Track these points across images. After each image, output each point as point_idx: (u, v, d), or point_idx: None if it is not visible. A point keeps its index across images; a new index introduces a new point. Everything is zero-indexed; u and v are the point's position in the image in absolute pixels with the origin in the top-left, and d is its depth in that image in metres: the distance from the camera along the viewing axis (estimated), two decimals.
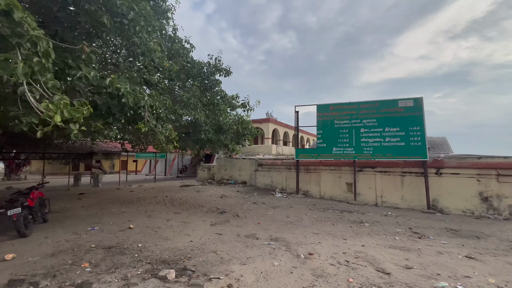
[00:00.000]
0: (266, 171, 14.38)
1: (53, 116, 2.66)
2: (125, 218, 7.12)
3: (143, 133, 5.87)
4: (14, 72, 2.31)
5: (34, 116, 3.61)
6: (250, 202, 10.22)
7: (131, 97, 4.82)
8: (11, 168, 20.57)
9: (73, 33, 4.71)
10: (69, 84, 4.56)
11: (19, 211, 4.89)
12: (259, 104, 8.24)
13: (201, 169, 18.81)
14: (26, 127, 3.63)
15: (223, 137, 7.79)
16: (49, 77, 3.01)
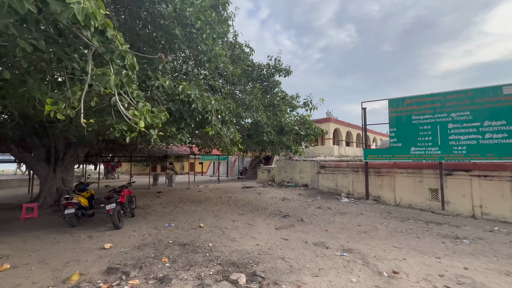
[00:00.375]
0: (329, 173, 13.50)
1: (138, 122, 2.89)
2: (195, 217, 7.60)
3: (210, 136, 6.12)
4: (108, 84, 2.58)
5: (124, 124, 4.07)
6: (314, 206, 9.68)
7: (199, 102, 5.05)
8: (108, 169, 24.99)
9: (151, 48, 5.24)
10: (148, 94, 5.06)
11: (114, 206, 5.70)
12: (323, 102, 7.73)
13: (261, 171, 19.03)
14: (118, 134, 4.12)
15: (285, 138, 7.56)
16: (134, 87, 3.31)
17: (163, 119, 3.64)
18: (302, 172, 15.19)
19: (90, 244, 4.97)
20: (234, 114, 6.78)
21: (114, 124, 4.06)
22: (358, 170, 12.24)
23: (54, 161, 9.41)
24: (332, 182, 13.33)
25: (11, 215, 7.62)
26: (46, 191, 8.99)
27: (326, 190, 13.49)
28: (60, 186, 9.38)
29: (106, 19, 2.57)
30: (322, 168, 13.98)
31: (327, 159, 15.64)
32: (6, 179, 17.96)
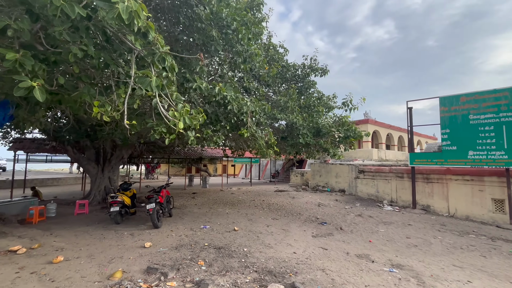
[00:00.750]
0: (369, 179, 12.57)
1: (177, 123, 2.87)
2: (229, 219, 7.56)
3: (245, 138, 6.03)
4: (149, 86, 2.60)
5: (163, 126, 4.16)
6: (353, 214, 9.03)
7: (235, 103, 4.98)
8: (149, 169, 26.72)
9: (188, 52, 5.34)
10: (186, 97, 5.14)
11: (154, 206, 5.91)
12: (364, 102, 7.16)
13: (294, 175, 18.57)
14: (158, 136, 4.22)
15: (323, 141, 7.17)
16: (174, 89, 3.33)
17: (201, 121, 3.61)
18: (339, 176, 14.41)
19: (132, 242, 5.18)
20: (269, 115, 6.62)
21: (154, 126, 4.16)
22: (402, 175, 11.18)
23: (103, 162, 10.23)
24: (372, 188, 12.38)
25: (67, 210, 8.42)
26: (95, 189, 9.79)
27: (366, 196, 12.57)
28: (107, 184, 10.15)
29: (148, 21, 2.59)
30: (361, 173, 13.08)
31: (366, 163, 14.63)
32: (64, 177, 20.22)
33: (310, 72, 9.21)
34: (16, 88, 2.29)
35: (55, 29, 2.36)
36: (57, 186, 18.63)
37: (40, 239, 5.17)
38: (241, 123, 6.21)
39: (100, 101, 2.89)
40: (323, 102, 8.76)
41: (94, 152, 10.06)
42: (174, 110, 2.93)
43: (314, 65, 8.87)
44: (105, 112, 2.72)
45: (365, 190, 12.70)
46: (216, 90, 4.37)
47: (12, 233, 5.41)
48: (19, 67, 2.33)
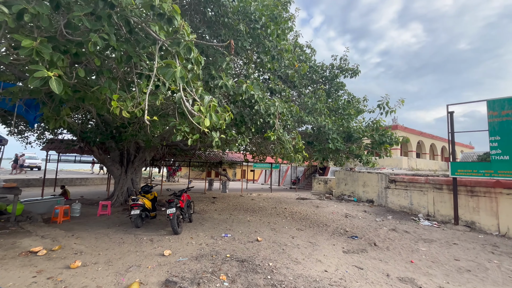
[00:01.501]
0: (402, 189, 11.55)
1: (202, 122, 2.53)
2: (251, 228, 7.13)
3: (271, 142, 5.62)
4: (173, 77, 2.29)
5: (186, 125, 3.87)
6: (386, 227, 8.20)
7: (262, 103, 4.60)
8: (170, 172, 27.14)
9: (214, 50, 5.08)
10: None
11: (174, 211, 5.65)
12: (403, 104, 6.45)
13: (316, 182, 17.77)
14: (180, 136, 3.94)
15: (355, 147, 6.54)
16: (199, 84, 3.01)
17: (227, 120, 3.25)
18: (366, 185, 13.46)
19: (151, 249, 4.92)
20: (296, 118, 6.17)
21: (177, 125, 3.89)
22: (441, 187, 10.11)
23: (126, 163, 10.31)
24: (405, 200, 11.34)
25: (91, 211, 8.48)
26: (118, 190, 9.86)
27: (398, 208, 11.54)
28: (129, 186, 10.19)
29: (174, 5, 2.29)
30: (391, 183, 12.08)
31: (396, 172, 13.54)
32: (91, 177, 21.04)
33: (339, 73, 8.64)
34: (31, 78, 2.07)
35: (74, 14, 2.13)
36: (84, 186, 19.40)
37: (61, 240, 5.08)
38: (267, 125, 5.82)
39: (120, 96, 2.63)
40: (352, 105, 8.14)
41: (118, 154, 10.18)
42: (200, 105, 2.59)
43: (344, 66, 8.30)
44: (124, 107, 2.46)
45: (397, 201, 11.68)
46: (243, 88, 4.02)
47: (36, 232, 5.40)
48: (36, 56, 2.12)
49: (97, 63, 2.71)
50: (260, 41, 4.62)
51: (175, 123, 3.90)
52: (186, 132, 3.97)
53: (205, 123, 2.45)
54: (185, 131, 3.93)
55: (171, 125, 3.79)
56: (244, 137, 5.28)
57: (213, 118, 2.49)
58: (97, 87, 2.79)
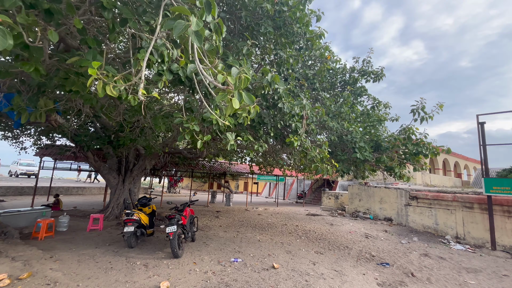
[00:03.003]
0: (425, 207, 10.49)
1: (230, 102, 1.66)
2: (263, 250, 6.12)
3: (293, 149, 4.75)
4: (187, 33, 1.47)
5: (196, 123, 3.03)
6: (416, 252, 7.14)
7: (287, 100, 3.77)
8: (171, 183, 26.12)
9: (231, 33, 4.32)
10: None
11: (175, 229, 4.71)
12: (442, 110, 5.61)
13: (326, 197, 16.68)
14: (188, 136, 3.10)
15: (386, 157, 5.64)
16: (217, 63, 2.19)
17: (252, 114, 2.41)
18: (384, 202, 12.38)
19: (144, 278, 3.95)
20: (320, 123, 5.33)
21: (184, 123, 3.05)
22: (472, 206, 9.06)
23: (124, 172, 9.44)
24: (429, 219, 10.26)
25: (81, 224, 7.54)
26: (114, 202, 8.93)
27: (421, 228, 10.43)
28: (127, 197, 9.27)
29: None
30: (413, 199, 11.02)
31: (417, 187, 12.49)
32: (89, 186, 20.12)
33: (360, 77, 7.87)
34: None
35: None
36: (81, 195, 18.45)
37: (35, 264, 4.13)
38: (286, 129, 4.98)
39: (106, 71, 1.81)
40: (378, 111, 7.31)
41: (116, 161, 9.34)
42: (225, 75, 1.73)
43: (366, 68, 7.55)
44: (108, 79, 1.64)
45: (419, 220, 10.58)
46: (268, 78, 3.20)
47: (7, 252, 4.47)
48: None
49: (78, 25, 1.92)
50: (286, 28, 3.85)
51: (182, 120, 3.07)
52: (196, 132, 3.13)
53: (232, 104, 1.61)
54: (194, 130, 3.09)
55: (177, 122, 2.96)
56: (262, 143, 4.42)
57: (243, 98, 1.65)
58: (75, 59, 1.99)
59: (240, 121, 2.35)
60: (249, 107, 2.39)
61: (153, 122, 3.48)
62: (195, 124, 3.08)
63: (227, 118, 3.42)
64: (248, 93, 1.63)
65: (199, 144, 3.06)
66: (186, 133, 3.11)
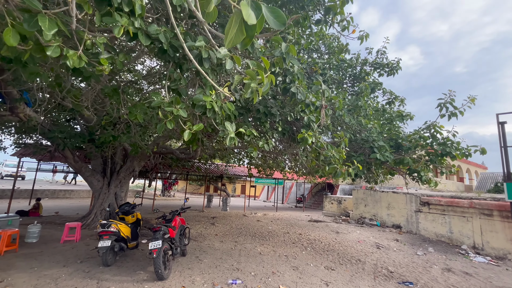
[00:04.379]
0: (438, 214, 9.71)
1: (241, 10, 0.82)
2: (266, 266, 5.25)
3: (306, 146, 3.91)
4: None
5: (183, 106, 2.19)
6: (437, 266, 6.32)
7: (301, 82, 2.95)
8: (166, 186, 25.07)
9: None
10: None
11: (160, 245, 3.82)
12: (474, 104, 4.85)
13: (328, 202, 15.85)
14: (171, 124, 2.26)
15: (410, 159, 4.84)
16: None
17: (265, 87, 1.57)
18: (391, 208, 11.59)
19: None
20: (335, 117, 4.51)
21: (166, 106, 2.21)
22: (491, 213, 8.31)
23: (110, 174, 8.52)
24: (442, 227, 9.48)
25: (56, 234, 6.59)
26: (97, 208, 8.00)
27: (433, 237, 9.64)
28: (112, 202, 8.33)
29: None
30: (424, 205, 10.25)
31: (428, 192, 11.71)
32: (77, 189, 19.04)
33: (372, 71, 7.11)
34: None
35: None
36: (68, 199, 17.37)
37: None
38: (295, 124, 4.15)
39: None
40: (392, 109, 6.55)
41: (101, 162, 8.41)
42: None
43: (380, 61, 6.79)
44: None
45: (432, 228, 9.79)
46: (282, 49, 2.36)
47: None
48: None
49: None
50: None
51: (162, 102, 2.24)
52: (182, 119, 2.29)
53: (244, 16, 0.78)
54: (179, 116, 2.24)
55: (155, 104, 2.12)
56: (268, 139, 3.58)
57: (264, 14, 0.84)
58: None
59: (246, 95, 1.54)
60: (262, 75, 1.55)
61: (128, 110, 2.64)
62: (181, 108, 2.24)
63: (228, 105, 2.59)
64: (274, 7, 0.80)
65: (186, 135, 2.22)
66: (168, 121, 2.26)
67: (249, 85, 1.49)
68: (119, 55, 2.23)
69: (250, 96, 1.53)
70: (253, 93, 1.54)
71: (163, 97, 2.28)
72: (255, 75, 1.48)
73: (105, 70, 2.14)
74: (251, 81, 1.49)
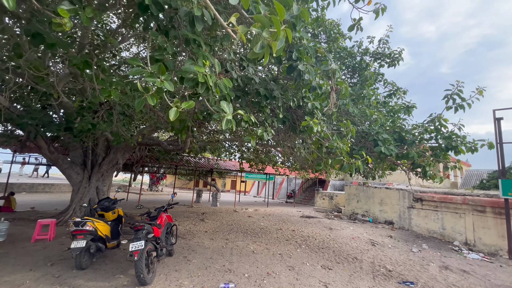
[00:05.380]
0: (430, 210, 9.66)
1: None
2: (261, 267, 4.88)
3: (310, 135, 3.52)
4: None
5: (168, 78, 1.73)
6: (434, 264, 6.17)
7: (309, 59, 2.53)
8: (153, 180, 24.27)
9: None
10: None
11: (142, 247, 3.35)
12: (482, 96, 4.61)
13: (320, 197, 15.69)
14: (153, 100, 1.79)
15: (415, 152, 4.56)
16: None
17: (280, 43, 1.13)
18: (384, 204, 11.50)
19: None
20: (338, 106, 4.14)
21: (147, 75, 1.74)
22: (484, 209, 8.29)
23: (91, 167, 7.87)
24: (435, 223, 9.44)
25: (28, 232, 5.97)
26: (76, 203, 7.36)
27: (425, 233, 9.60)
28: (93, 197, 7.72)
29: None
30: (417, 202, 10.18)
31: (422, 189, 11.68)
32: (58, 183, 18.02)
33: (372, 62, 6.78)
34: None
35: None
36: (48, 193, 16.39)
37: None
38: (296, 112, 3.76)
39: None
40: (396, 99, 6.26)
41: (81, 153, 7.74)
42: None
43: (382, 51, 6.47)
44: None
45: (424, 224, 9.75)
46: (294, 11, 1.92)
47: None
48: None
49: None
50: None
51: (142, 71, 1.77)
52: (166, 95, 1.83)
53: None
54: (163, 90, 1.78)
55: (133, 73, 1.64)
56: (267, 127, 3.15)
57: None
58: None
59: (256, 49, 1.12)
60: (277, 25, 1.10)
61: (99, 84, 2.13)
62: (166, 80, 1.77)
63: (224, 81, 2.15)
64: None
65: (172, 114, 1.76)
66: (149, 96, 1.79)
67: (259, 36, 1.07)
68: (85, 9, 1.74)
69: (260, 52, 1.11)
70: (264, 48, 1.11)
71: (143, 65, 1.80)
72: (268, 22, 1.06)
73: (66, 25, 1.64)
74: (261, 29, 1.07)
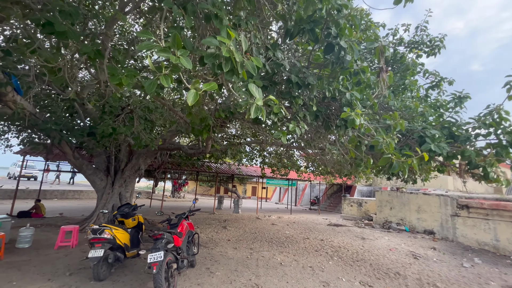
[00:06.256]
0: (480, 219, 8.51)
1: None
2: (290, 281, 4.36)
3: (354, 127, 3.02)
4: None
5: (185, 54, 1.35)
6: (494, 283, 5.24)
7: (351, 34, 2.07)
8: (175, 187, 24.56)
9: None
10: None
11: (161, 257, 3.02)
12: None
13: (347, 204, 14.73)
14: (167, 81, 1.41)
15: (474, 151, 3.86)
16: None
17: None
18: (422, 211, 10.41)
19: None
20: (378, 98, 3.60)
21: (159, 50, 1.36)
22: None
23: (114, 172, 7.88)
24: (486, 234, 8.26)
25: (53, 238, 5.95)
26: (100, 209, 7.34)
27: (475, 245, 8.43)
28: (116, 203, 7.68)
29: None
30: (462, 209, 9.05)
31: (467, 195, 10.44)
32: (87, 189, 18.74)
33: (406, 53, 6.10)
34: None
35: None
36: (77, 200, 17.06)
37: None
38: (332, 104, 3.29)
39: None
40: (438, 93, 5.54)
41: (104, 160, 7.78)
42: None
43: (420, 40, 5.79)
44: None
45: (472, 235, 8.59)
46: None
47: None
48: None
49: None
50: None
51: (154, 45, 1.41)
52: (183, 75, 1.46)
53: None
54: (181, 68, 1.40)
55: (142, 48, 1.30)
56: (300, 121, 2.72)
57: None
58: None
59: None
60: None
61: (108, 70, 1.85)
62: (183, 56, 1.40)
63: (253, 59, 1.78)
64: None
65: (191, 97, 1.39)
66: (163, 76, 1.44)
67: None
68: None
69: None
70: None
71: (156, 39, 1.46)
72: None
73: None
74: None
